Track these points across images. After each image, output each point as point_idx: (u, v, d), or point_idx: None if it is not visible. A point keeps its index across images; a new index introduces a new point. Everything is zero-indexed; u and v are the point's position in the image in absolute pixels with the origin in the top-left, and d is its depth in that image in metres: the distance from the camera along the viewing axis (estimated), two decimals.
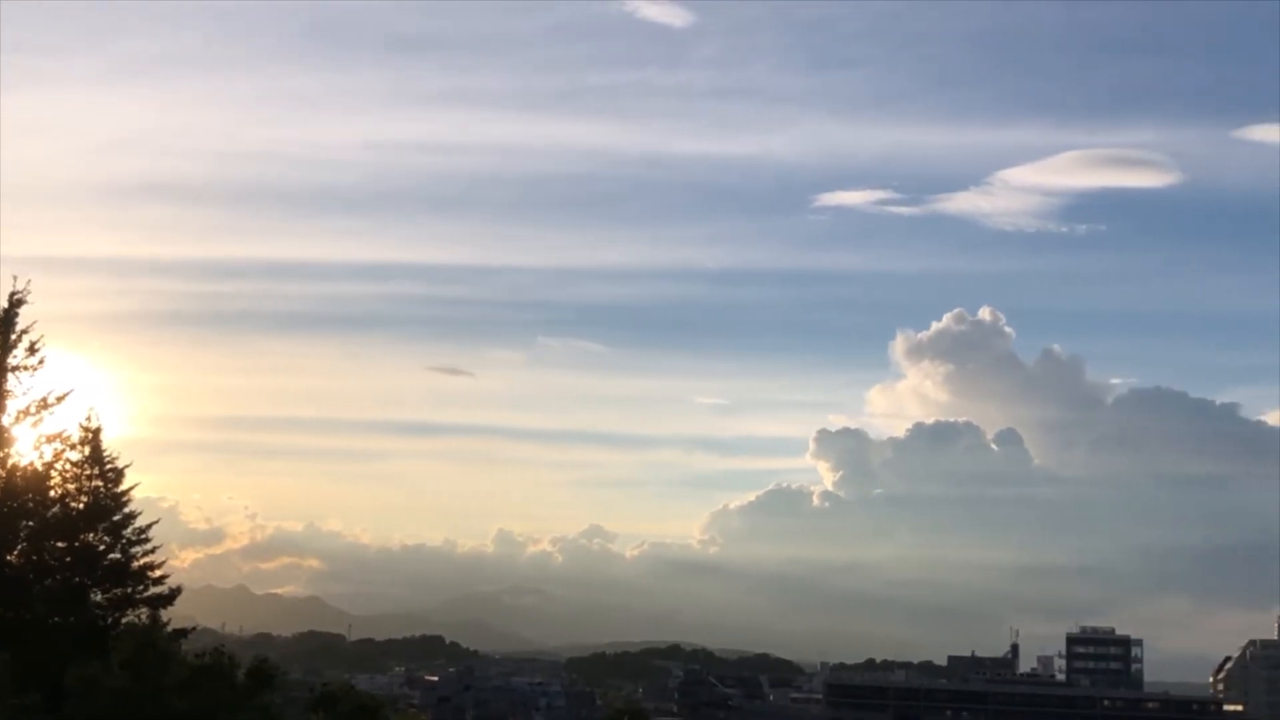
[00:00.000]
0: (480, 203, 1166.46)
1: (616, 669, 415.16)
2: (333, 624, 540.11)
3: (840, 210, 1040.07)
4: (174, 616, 50.47)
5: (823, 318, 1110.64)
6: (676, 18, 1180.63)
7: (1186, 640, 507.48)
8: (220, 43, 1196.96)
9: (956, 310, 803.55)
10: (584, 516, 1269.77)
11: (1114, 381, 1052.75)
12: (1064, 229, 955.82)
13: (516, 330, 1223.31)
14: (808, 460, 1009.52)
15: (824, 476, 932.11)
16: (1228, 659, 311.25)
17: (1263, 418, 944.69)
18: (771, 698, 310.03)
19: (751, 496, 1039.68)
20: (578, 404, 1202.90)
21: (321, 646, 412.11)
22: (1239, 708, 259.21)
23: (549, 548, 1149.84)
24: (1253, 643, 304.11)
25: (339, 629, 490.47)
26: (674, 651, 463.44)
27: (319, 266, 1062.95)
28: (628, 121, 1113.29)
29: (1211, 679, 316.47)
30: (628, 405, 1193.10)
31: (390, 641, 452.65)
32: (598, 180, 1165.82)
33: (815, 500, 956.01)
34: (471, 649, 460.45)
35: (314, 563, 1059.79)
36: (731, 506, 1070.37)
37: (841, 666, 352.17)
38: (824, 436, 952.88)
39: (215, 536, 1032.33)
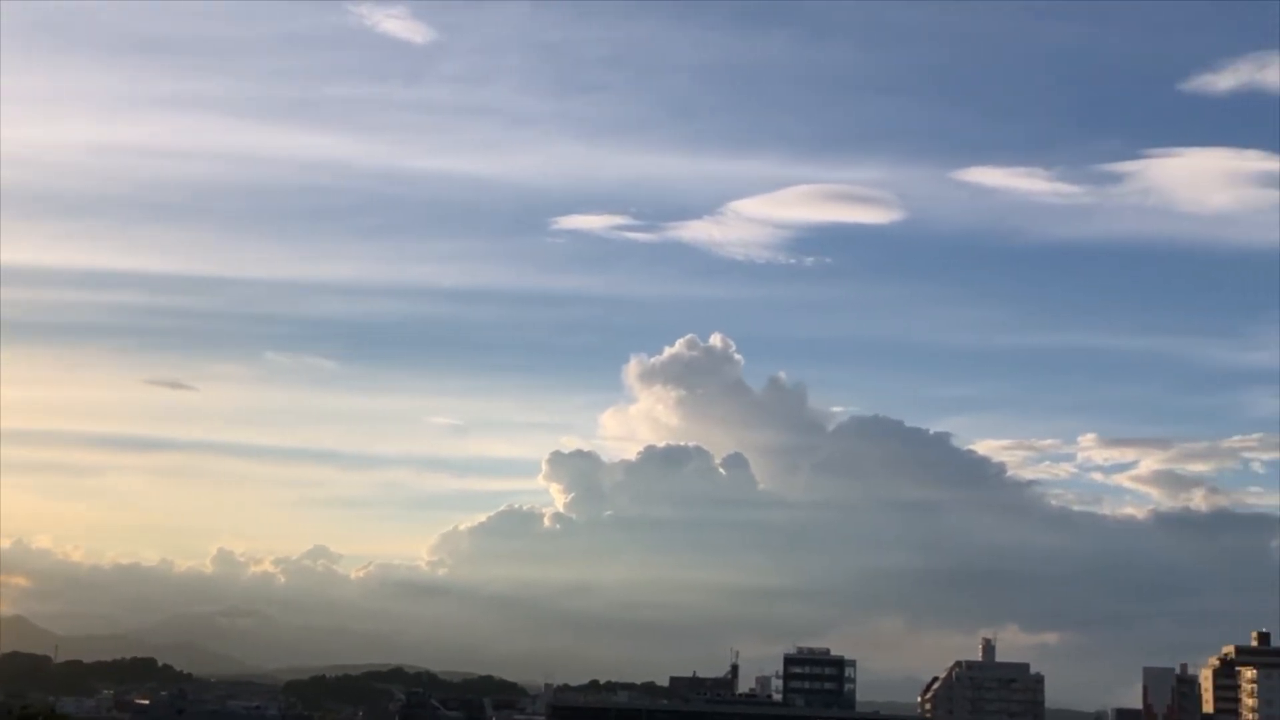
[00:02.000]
0: (207, 212, 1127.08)
1: (336, 692, 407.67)
2: (38, 645, 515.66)
3: (578, 234, 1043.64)
4: None
5: (557, 340, 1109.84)
6: (418, 34, 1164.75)
7: (897, 661, 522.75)
8: None
9: (689, 336, 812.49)
10: (308, 536, 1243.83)
11: (835, 409, 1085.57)
12: (792, 260, 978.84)
13: (242, 344, 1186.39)
14: (540, 482, 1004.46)
15: (556, 498, 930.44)
16: (935, 679, 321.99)
17: (972, 447, 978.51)
18: None
19: (482, 518, 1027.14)
20: (305, 421, 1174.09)
21: (25, 668, 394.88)
22: None
23: (271, 568, 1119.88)
24: (959, 663, 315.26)
25: (45, 650, 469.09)
26: (397, 674, 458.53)
27: (33, 272, 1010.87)
28: (365, 135, 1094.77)
29: (919, 699, 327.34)
30: (358, 423, 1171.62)
31: (99, 664, 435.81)
32: (332, 193, 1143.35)
33: (546, 522, 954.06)
34: (185, 672, 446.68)
35: (20, 580, 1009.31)
36: (462, 528, 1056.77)
37: (565, 688, 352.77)
38: (556, 458, 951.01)
39: None
